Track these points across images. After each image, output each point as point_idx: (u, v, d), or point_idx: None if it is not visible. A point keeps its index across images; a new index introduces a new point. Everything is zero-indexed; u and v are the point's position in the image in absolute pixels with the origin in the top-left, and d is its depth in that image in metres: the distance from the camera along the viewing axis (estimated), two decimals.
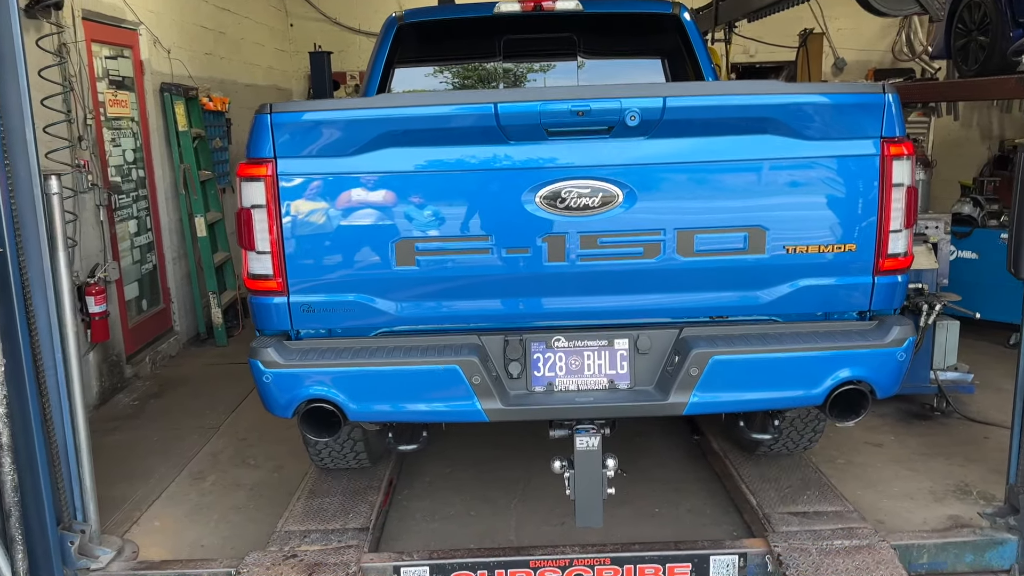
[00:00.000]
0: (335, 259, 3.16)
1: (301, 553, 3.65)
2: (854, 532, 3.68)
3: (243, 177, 3.10)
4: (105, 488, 4.78)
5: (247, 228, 3.13)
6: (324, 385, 3.15)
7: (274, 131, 3.05)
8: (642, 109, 3.02)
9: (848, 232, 3.19)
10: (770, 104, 3.11)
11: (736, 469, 4.43)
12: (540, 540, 4.07)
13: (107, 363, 6.30)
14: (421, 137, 3.08)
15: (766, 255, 3.20)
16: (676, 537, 4.07)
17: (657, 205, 3.16)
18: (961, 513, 4.24)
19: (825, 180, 3.18)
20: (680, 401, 3.17)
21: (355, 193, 3.13)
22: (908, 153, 3.17)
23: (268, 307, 3.21)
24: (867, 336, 3.24)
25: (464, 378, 3.13)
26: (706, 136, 3.14)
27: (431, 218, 3.15)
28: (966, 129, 11.65)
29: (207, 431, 5.63)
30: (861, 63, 12.14)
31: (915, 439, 5.17)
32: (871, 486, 4.55)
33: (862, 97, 3.15)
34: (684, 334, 3.29)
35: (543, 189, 3.11)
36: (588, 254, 3.17)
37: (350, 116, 3.07)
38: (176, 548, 4.16)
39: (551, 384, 3.32)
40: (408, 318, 3.26)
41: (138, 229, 7.08)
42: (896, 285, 3.28)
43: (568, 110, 3.01)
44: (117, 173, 6.69)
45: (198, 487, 4.83)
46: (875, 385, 3.22)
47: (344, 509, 4.08)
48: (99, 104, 6.38)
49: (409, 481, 4.76)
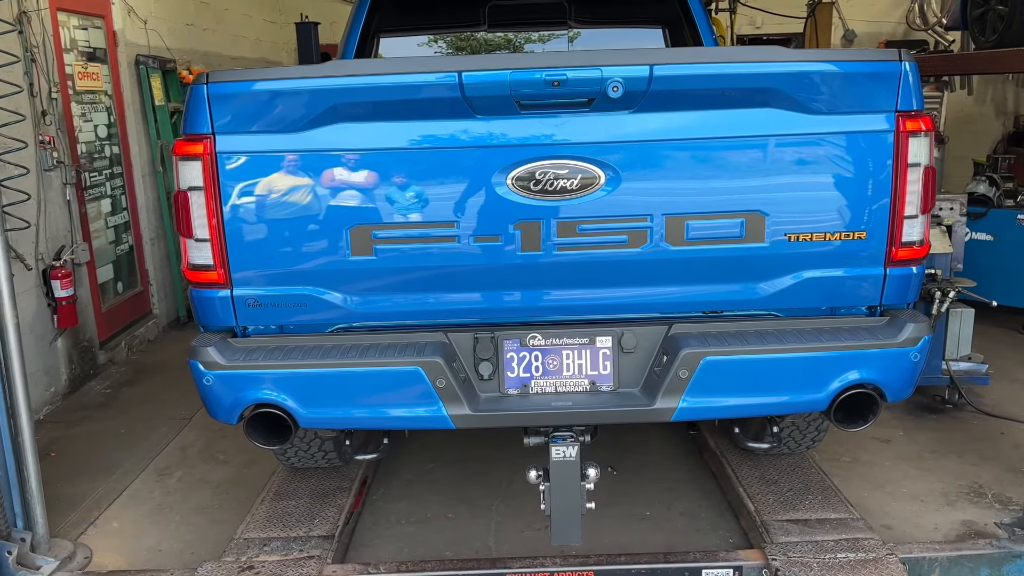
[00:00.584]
0: (283, 248, 2.85)
1: (258, 564, 3.37)
2: (859, 543, 3.39)
3: (179, 156, 2.78)
4: (65, 484, 4.55)
5: (184, 213, 2.81)
6: (271, 388, 2.84)
7: (211, 104, 2.73)
8: (626, 79, 2.67)
9: (858, 218, 2.86)
10: (772, 73, 2.77)
11: (733, 469, 4.13)
12: (520, 547, 3.80)
13: (77, 349, 6.02)
14: (376, 111, 2.75)
15: (766, 243, 2.87)
16: (667, 543, 3.82)
17: (643, 188, 2.83)
18: (975, 518, 3.95)
19: (833, 159, 2.84)
20: (668, 406, 2.86)
21: (304, 174, 2.81)
22: (926, 129, 2.83)
23: (209, 301, 2.90)
24: (877, 334, 2.92)
25: (427, 381, 2.82)
26: (699, 110, 2.81)
27: (389, 202, 2.82)
28: (980, 104, 11.25)
29: (178, 422, 5.35)
30: (872, 35, 11.71)
31: (925, 435, 4.87)
32: (878, 487, 4.26)
33: (876, 66, 2.80)
34: (673, 331, 2.97)
35: (515, 170, 2.78)
36: (566, 243, 2.85)
37: (296, 86, 2.73)
38: (133, 553, 3.89)
39: (526, 386, 3.01)
40: (366, 313, 2.95)
41: (113, 208, 6.77)
42: (910, 277, 2.96)
43: (542, 80, 2.67)
44: (88, 149, 6.37)
45: (163, 484, 4.57)
46: (886, 389, 2.90)
47: (310, 513, 3.79)
48: (66, 77, 6.04)
49: (386, 479, 4.48)
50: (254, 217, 2.83)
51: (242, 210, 2.82)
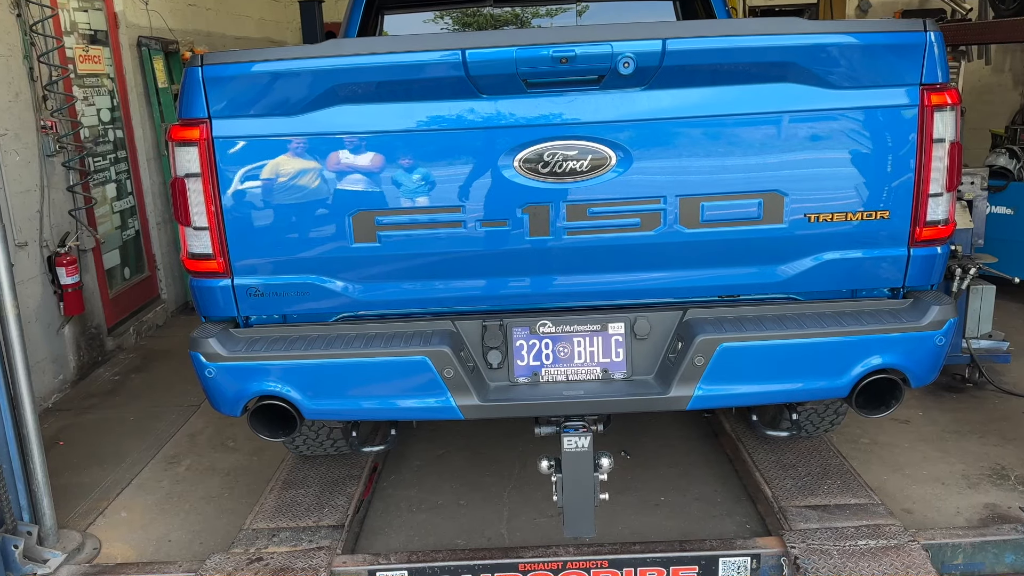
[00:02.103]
0: (284, 235, 2.76)
1: (267, 556, 3.32)
2: (880, 530, 3.30)
3: (175, 141, 2.69)
4: (74, 474, 4.52)
5: (182, 201, 2.73)
6: (275, 380, 2.76)
7: (207, 87, 2.62)
8: (637, 54, 2.55)
9: (880, 197, 2.75)
10: (790, 46, 2.64)
11: (750, 454, 4.05)
12: (533, 535, 3.73)
13: (85, 336, 5.98)
14: (377, 91, 2.65)
15: (784, 224, 2.76)
16: (683, 530, 3.74)
17: (656, 168, 2.72)
18: (998, 501, 3.85)
19: (854, 136, 2.72)
20: (683, 395, 2.76)
21: (304, 158, 2.71)
22: (952, 103, 2.70)
23: (210, 291, 2.82)
24: (901, 317, 2.81)
25: (435, 371, 2.73)
26: (714, 86, 2.69)
27: (393, 187, 2.73)
28: (998, 74, 10.99)
29: (187, 409, 5.31)
30: (887, 4, 11.45)
31: (946, 415, 4.77)
32: (898, 470, 4.16)
33: (899, 36, 2.67)
34: (688, 317, 2.87)
35: (523, 152, 2.67)
36: (576, 226, 2.75)
37: (293, 67, 2.62)
38: (141, 544, 3.85)
39: (536, 375, 2.92)
40: (371, 302, 2.86)
41: (118, 193, 6.69)
42: (935, 257, 2.85)
43: (549, 56, 2.55)
44: (91, 134, 6.28)
45: (172, 473, 4.52)
46: (909, 374, 2.80)
47: (319, 503, 3.74)
48: (67, 60, 5.94)
49: (396, 466, 4.42)
50: (254, 204, 2.74)
51: (241, 197, 2.73)
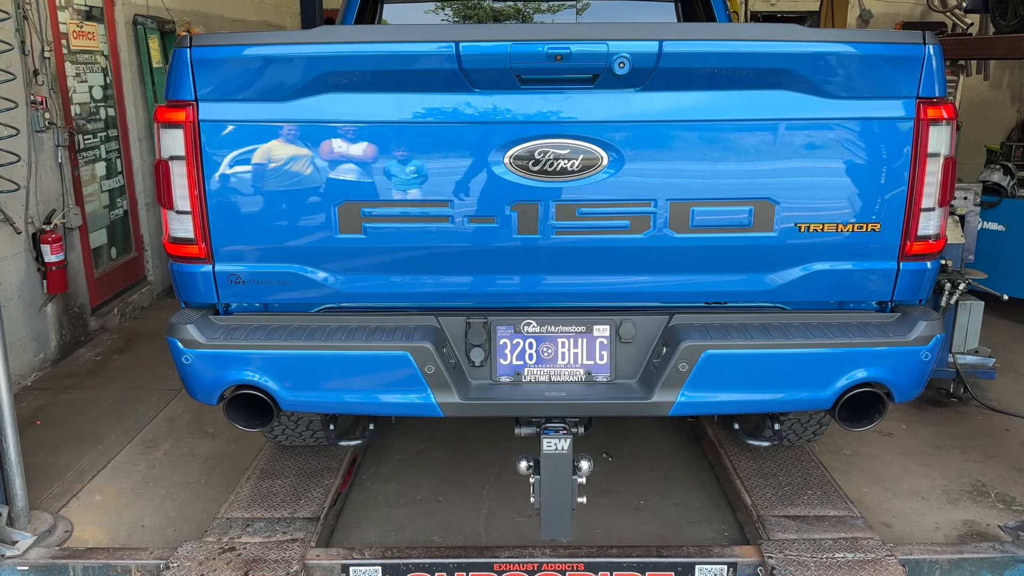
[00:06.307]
0: (268, 223, 2.72)
1: (240, 546, 3.27)
2: (858, 543, 3.28)
3: (160, 123, 2.64)
4: (49, 454, 4.47)
5: (165, 183, 2.68)
6: (253, 369, 2.72)
7: (195, 69, 2.58)
8: (633, 54, 2.52)
9: (872, 209, 2.72)
10: (788, 53, 2.62)
11: (731, 461, 4.03)
12: (510, 534, 3.71)
13: (68, 315, 5.91)
14: (368, 81, 2.61)
15: (775, 233, 2.74)
16: (661, 535, 3.72)
17: (648, 171, 2.69)
18: (977, 518, 3.85)
19: (848, 146, 2.70)
20: (666, 400, 2.74)
21: (290, 145, 2.67)
22: (948, 117, 2.68)
23: (190, 276, 2.79)
24: (888, 331, 2.79)
25: (415, 367, 2.70)
26: (709, 90, 2.66)
27: (380, 178, 2.69)
28: (995, 90, 11.01)
29: (168, 393, 5.25)
30: (889, 15, 11.45)
31: (929, 429, 4.76)
32: (879, 482, 4.16)
33: (898, 48, 2.64)
34: (674, 322, 2.85)
35: (514, 148, 2.64)
36: (565, 226, 2.71)
37: (283, 52, 2.57)
38: (114, 528, 3.81)
39: (519, 374, 2.89)
40: (354, 294, 2.82)
41: (107, 172, 6.62)
42: (925, 272, 2.83)
43: (544, 53, 2.51)
44: (83, 111, 6.22)
45: (149, 457, 4.48)
46: (893, 388, 2.78)
47: (296, 494, 3.70)
48: (60, 36, 5.87)
49: (376, 460, 4.39)
50: (238, 190, 2.69)
51: (225, 182, 2.69)
